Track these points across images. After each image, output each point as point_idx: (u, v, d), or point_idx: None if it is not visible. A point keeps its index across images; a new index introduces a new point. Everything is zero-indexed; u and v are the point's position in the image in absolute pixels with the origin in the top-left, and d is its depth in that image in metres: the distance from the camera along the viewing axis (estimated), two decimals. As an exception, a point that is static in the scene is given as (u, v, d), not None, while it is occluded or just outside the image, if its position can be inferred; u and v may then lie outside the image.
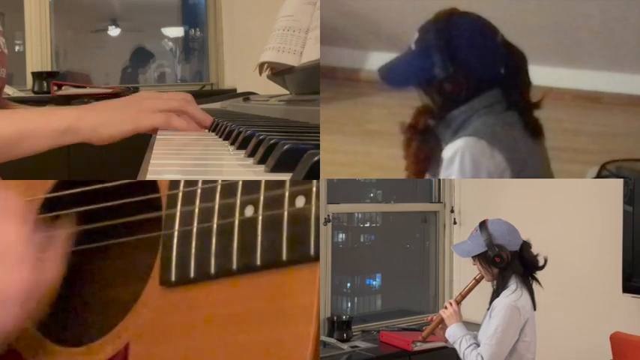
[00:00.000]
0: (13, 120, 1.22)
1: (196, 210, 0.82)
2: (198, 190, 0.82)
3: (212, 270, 0.79)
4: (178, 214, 0.83)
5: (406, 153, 1.20)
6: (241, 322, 0.76)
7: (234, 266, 0.78)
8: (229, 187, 0.80)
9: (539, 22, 2.78)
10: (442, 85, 1.14)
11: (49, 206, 0.99)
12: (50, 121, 1.22)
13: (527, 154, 1.15)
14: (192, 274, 0.81)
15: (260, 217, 0.77)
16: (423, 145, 1.18)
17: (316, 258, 0.74)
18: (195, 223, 0.82)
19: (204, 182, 0.82)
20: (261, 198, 0.78)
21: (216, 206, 0.81)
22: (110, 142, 1.27)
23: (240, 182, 0.80)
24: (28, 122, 1.22)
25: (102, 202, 0.96)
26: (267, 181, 0.78)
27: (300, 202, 0.75)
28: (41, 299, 0.86)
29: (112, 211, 0.95)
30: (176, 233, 0.82)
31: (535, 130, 1.16)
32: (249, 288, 0.77)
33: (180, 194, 0.83)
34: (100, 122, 1.23)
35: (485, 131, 1.11)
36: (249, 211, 0.78)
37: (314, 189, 0.75)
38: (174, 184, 0.85)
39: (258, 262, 0.76)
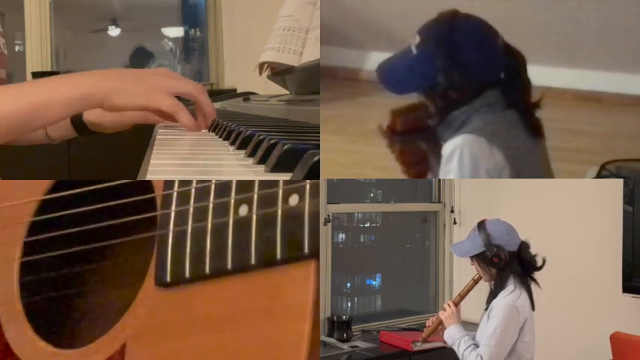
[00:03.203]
0: (20, 95, 1.18)
1: (191, 210, 0.82)
2: (193, 190, 0.82)
3: (207, 270, 0.79)
4: (173, 213, 0.83)
5: (394, 155, 1.19)
6: (237, 321, 0.76)
7: (229, 266, 0.77)
8: (223, 187, 0.80)
9: (539, 22, 2.78)
10: (445, 91, 1.13)
11: (46, 207, 0.99)
12: (63, 90, 1.18)
13: (527, 153, 1.14)
14: (187, 274, 0.80)
15: (254, 216, 0.77)
16: (406, 148, 1.17)
17: (312, 256, 0.74)
18: (190, 223, 0.81)
19: (199, 182, 0.82)
20: (255, 197, 0.77)
21: (211, 205, 0.80)
22: (120, 110, 1.24)
23: (234, 181, 0.80)
24: (39, 94, 1.18)
25: (97, 202, 0.96)
26: (261, 180, 0.78)
27: (294, 200, 0.75)
28: None
29: (106, 211, 0.95)
30: (171, 233, 0.82)
31: (535, 130, 1.16)
32: (245, 287, 0.77)
33: (175, 194, 0.83)
34: (113, 89, 1.20)
35: (484, 129, 1.10)
36: (243, 210, 0.78)
37: (307, 186, 0.75)
38: (168, 184, 0.84)
39: (253, 261, 0.76)
